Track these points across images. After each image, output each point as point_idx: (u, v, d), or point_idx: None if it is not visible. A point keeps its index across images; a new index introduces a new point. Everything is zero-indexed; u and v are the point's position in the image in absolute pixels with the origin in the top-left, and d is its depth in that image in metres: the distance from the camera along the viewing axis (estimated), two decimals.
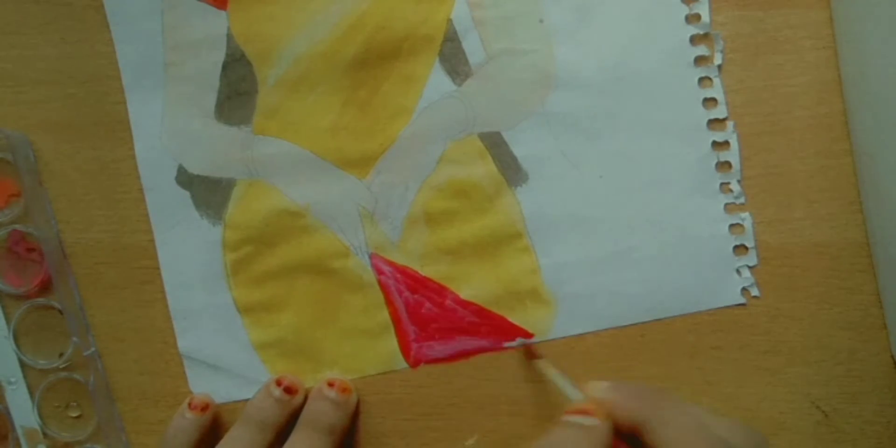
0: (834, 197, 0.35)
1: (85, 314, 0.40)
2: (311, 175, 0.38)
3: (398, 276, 0.38)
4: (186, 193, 0.39)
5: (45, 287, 0.39)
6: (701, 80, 0.35)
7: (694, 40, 0.35)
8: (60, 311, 0.39)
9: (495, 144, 0.37)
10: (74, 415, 0.40)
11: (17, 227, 0.39)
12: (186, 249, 0.39)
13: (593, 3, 0.36)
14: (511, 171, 0.37)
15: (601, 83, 0.36)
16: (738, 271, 0.36)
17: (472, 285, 0.37)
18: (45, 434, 0.39)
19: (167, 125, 0.39)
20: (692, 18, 0.35)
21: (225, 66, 0.38)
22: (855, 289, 0.35)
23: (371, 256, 0.38)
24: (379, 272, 0.38)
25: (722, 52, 0.35)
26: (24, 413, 0.39)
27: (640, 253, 0.36)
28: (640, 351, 0.36)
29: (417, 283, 0.37)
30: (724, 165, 0.36)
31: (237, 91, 0.38)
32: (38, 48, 0.40)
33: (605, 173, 0.36)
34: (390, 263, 0.38)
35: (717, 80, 0.35)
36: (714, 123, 0.35)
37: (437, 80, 0.37)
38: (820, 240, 0.35)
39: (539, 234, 0.37)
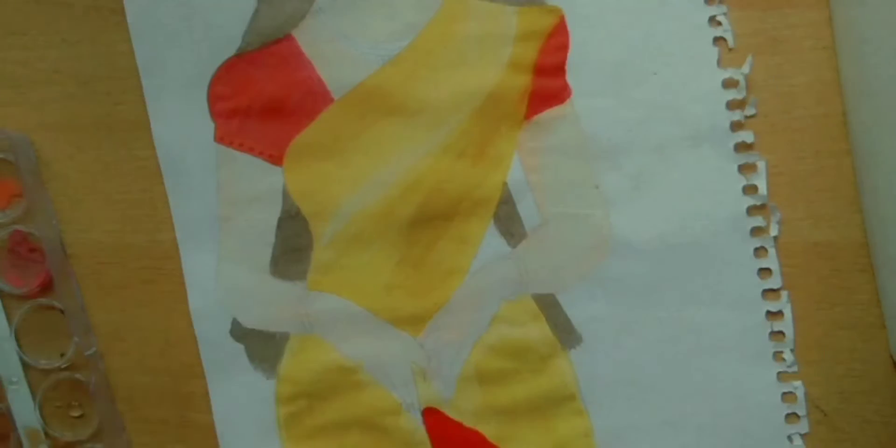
0: (834, 197, 0.35)
1: (86, 314, 0.40)
2: (365, 332, 0.38)
3: (450, 434, 0.37)
4: (240, 346, 0.39)
5: (47, 287, 0.39)
6: (756, 250, 0.35)
7: (750, 211, 0.35)
8: (62, 311, 0.39)
9: (549, 306, 0.37)
10: (76, 415, 0.40)
11: (19, 227, 0.39)
12: (240, 401, 0.39)
13: (649, 171, 0.35)
14: (565, 333, 0.36)
15: (656, 251, 0.35)
16: (789, 438, 0.35)
17: (525, 446, 0.37)
18: (46, 434, 0.40)
19: (221, 279, 0.39)
20: (749, 190, 0.35)
21: (280, 222, 0.38)
22: (855, 289, 0.35)
23: (424, 413, 0.38)
24: (431, 430, 0.38)
25: (779, 223, 0.35)
26: (25, 413, 0.39)
27: (693, 420, 0.36)
28: None
29: (469, 443, 0.37)
30: (777, 335, 0.35)
31: (293, 247, 0.38)
32: (39, 49, 0.40)
33: (658, 339, 0.36)
34: (443, 421, 0.37)
35: (772, 251, 0.35)
36: (768, 293, 0.35)
37: (492, 241, 0.37)
38: (820, 240, 0.35)
39: (593, 397, 0.36)
